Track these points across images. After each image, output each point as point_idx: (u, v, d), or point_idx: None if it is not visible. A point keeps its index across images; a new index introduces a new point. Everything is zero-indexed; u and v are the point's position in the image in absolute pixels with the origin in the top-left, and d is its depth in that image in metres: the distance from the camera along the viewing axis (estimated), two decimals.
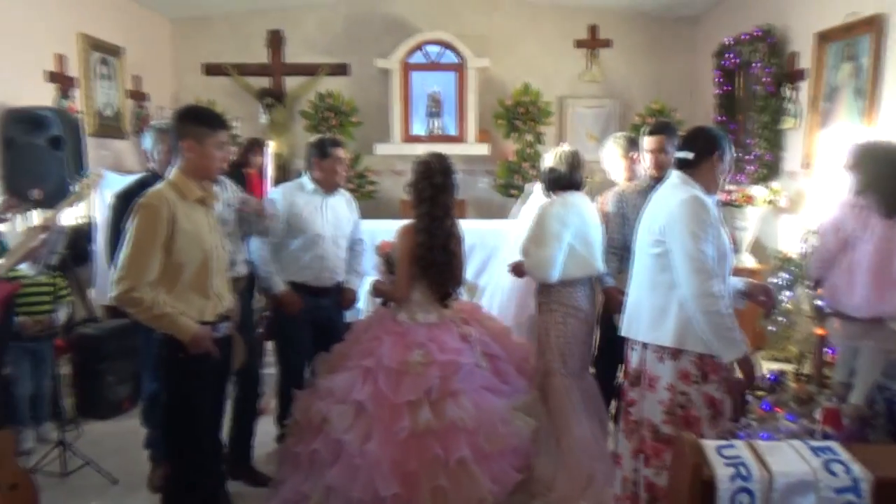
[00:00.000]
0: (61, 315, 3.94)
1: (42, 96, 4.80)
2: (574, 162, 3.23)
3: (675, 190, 2.47)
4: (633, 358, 2.57)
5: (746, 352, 2.35)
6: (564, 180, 3.21)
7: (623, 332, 2.63)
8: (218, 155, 2.58)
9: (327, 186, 3.44)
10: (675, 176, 2.53)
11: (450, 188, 3.05)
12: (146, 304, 2.40)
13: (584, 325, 3.20)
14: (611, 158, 3.62)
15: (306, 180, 3.46)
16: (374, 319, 3.24)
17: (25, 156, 4.38)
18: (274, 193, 3.43)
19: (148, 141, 3.30)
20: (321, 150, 3.40)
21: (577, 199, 3.24)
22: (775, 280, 4.04)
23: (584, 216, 3.21)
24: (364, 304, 4.22)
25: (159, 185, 2.55)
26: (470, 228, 3.49)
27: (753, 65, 5.32)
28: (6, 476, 2.63)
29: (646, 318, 2.49)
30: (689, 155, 2.50)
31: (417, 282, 3.04)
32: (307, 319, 3.43)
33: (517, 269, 3.41)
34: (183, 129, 2.55)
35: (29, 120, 4.41)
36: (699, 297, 2.29)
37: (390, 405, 2.78)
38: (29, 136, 4.39)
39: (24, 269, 3.64)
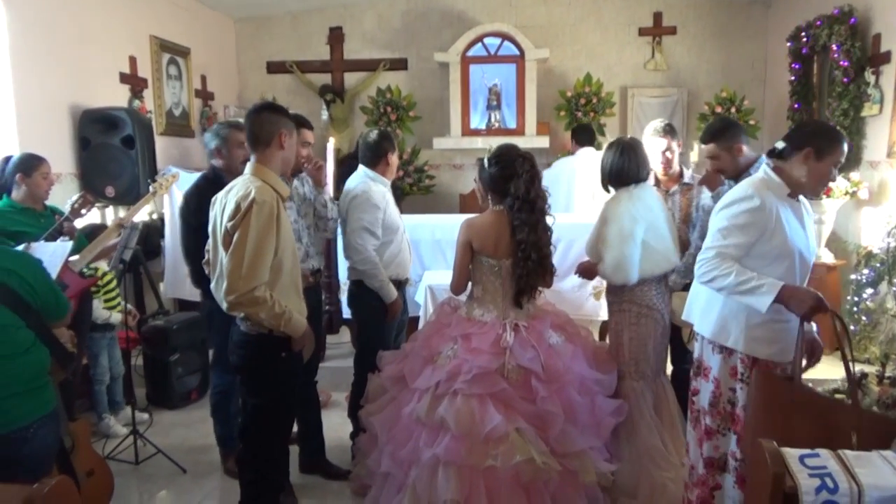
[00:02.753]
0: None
1: (116, 97, 4.99)
2: (633, 152, 2.99)
3: (744, 183, 2.39)
4: (696, 347, 2.53)
5: (779, 288, 2.14)
6: (624, 174, 2.97)
7: (684, 316, 2.59)
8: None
9: (391, 178, 3.42)
10: (762, 167, 2.41)
11: (530, 182, 2.83)
12: (269, 301, 2.34)
13: (658, 326, 2.99)
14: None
15: (378, 175, 3.32)
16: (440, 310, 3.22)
17: (100, 155, 4.57)
18: (366, 191, 3.22)
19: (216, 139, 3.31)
20: (392, 144, 3.35)
21: (643, 191, 3.00)
22: (857, 277, 3.81)
23: (654, 209, 2.97)
24: (422, 298, 4.21)
25: (259, 182, 2.39)
26: None
27: (832, 48, 5.03)
28: (84, 463, 2.73)
29: (700, 304, 2.45)
30: (781, 144, 2.35)
31: (479, 278, 2.95)
32: (398, 317, 3.42)
33: (587, 271, 3.18)
34: None
35: (104, 120, 4.60)
36: (702, 279, 2.27)
37: (408, 389, 2.83)
38: (103, 136, 4.58)
39: (100, 264, 3.79)
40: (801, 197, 2.38)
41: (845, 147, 2.30)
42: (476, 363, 2.69)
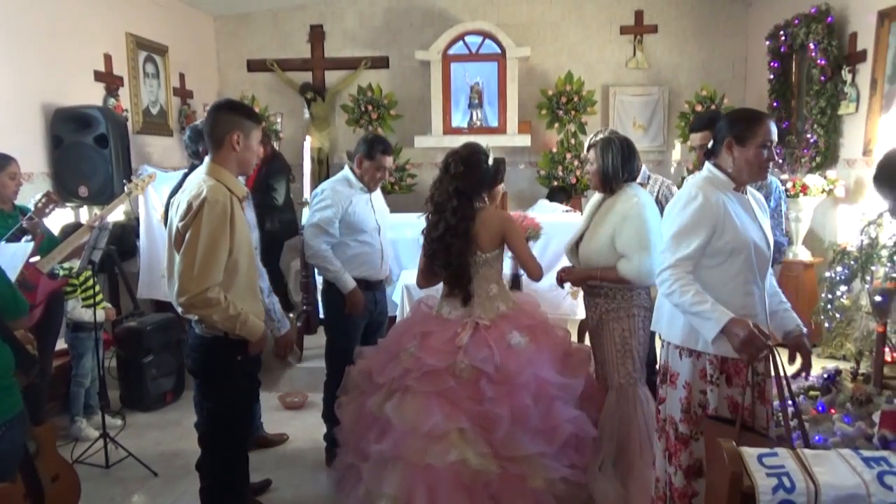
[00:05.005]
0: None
1: (90, 95, 4.93)
2: (633, 145, 2.90)
3: (686, 184, 2.39)
4: (662, 355, 2.49)
5: (726, 321, 2.07)
6: (635, 168, 2.86)
7: (652, 326, 2.55)
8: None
9: (369, 185, 3.42)
10: (705, 166, 2.38)
11: (446, 179, 2.84)
12: (223, 303, 2.28)
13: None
14: None
15: (352, 176, 3.38)
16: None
17: (73, 154, 4.52)
18: (326, 190, 3.35)
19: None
20: (369, 151, 3.35)
21: (643, 189, 2.91)
22: (830, 274, 3.82)
23: (655, 207, 2.87)
24: (399, 297, 4.19)
25: (212, 182, 2.36)
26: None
27: (809, 47, 5.05)
28: (48, 468, 2.68)
29: (665, 313, 2.41)
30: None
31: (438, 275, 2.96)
32: (364, 316, 3.42)
33: (585, 277, 2.91)
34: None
35: (76, 119, 4.54)
36: (662, 291, 2.23)
37: (373, 383, 2.84)
38: (76, 135, 4.52)
39: (70, 264, 3.74)
40: (751, 190, 2.37)
41: (768, 125, 2.25)
42: (427, 361, 2.70)
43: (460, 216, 2.79)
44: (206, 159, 2.43)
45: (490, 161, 2.87)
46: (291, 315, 4.83)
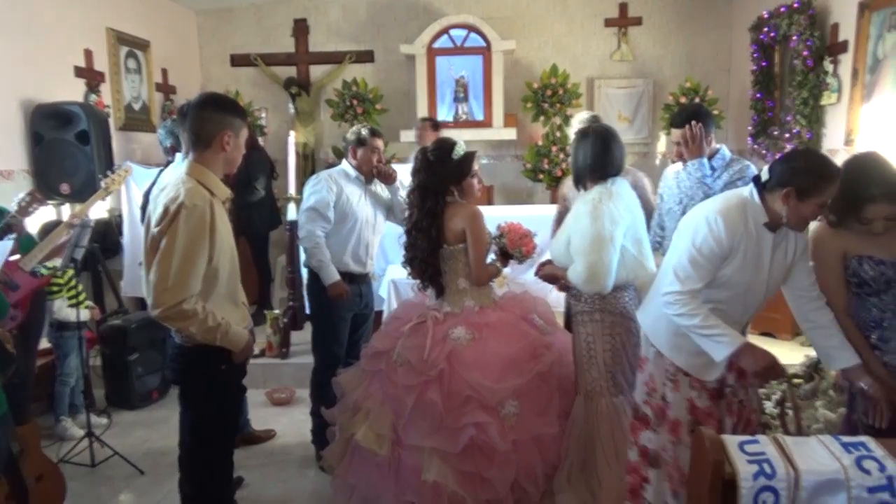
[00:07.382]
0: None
1: (71, 92, 4.87)
2: (614, 141, 2.69)
3: (720, 199, 2.25)
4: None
5: (741, 346, 2.04)
6: (608, 166, 2.67)
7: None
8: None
9: (366, 175, 3.42)
10: (749, 188, 2.20)
11: (413, 175, 2.87)
12: (200, 315, 2.14)
13: (632, 335, 2.70)
14: None
15: (349, 167, 3.41)
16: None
17: (54, 151, 4.46)
18: (321, 175, 3.38)
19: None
20: (360, 138, 3.39)
21: (621, 188, 2.68)
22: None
23: (634, 209, 2.67)
24: (386, 292, 4.19)
25: (192, 183, 2.20)
26: (496, 215, 3.34)
27: (792, 38, 5.08)
28: (32, 468, 2.66)
29: (648, 294, 2.45)
30: (766, 175, 2.13)
31: None
32: (349, 308, 3.42)
33: (551, 276, 2.89)
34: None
35: (57, 115, 4.48)
36: (669, 311, 2.19)
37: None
38: (57, 132, 4.47)
39: (53, 263, 3.70)
40: (797, 235, 2.19)
41: (836, 185, 2.03)
42: (375, 343, 2.89)
43: (425, 211, 2.80)
44: (178, 157, 2.36)
45: (459, 155, 2.80)
46: (277, 312, 4.82)
